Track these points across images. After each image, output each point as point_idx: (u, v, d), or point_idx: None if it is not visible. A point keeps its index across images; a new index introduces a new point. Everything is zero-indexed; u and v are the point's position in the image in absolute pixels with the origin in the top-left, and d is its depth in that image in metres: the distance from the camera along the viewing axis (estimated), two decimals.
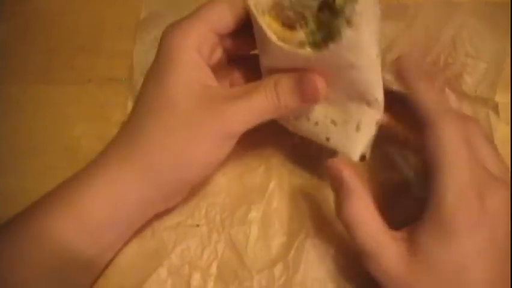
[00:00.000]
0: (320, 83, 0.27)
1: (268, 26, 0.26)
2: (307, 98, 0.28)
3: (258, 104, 0.28)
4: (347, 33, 0.24)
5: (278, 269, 0.32)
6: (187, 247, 0.33)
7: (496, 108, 0.33)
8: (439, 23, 0.35)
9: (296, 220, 0.33)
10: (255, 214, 0.33)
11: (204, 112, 0.28)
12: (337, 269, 0.32)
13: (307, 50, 0.26)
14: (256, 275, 0.32)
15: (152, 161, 0.28)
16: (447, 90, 0.33)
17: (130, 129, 0.29)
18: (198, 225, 0.34)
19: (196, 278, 0.32)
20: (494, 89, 0.33)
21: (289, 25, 0.26)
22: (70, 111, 0.38)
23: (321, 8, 0.25)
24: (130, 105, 0.37)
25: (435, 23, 0.35)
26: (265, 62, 0.29)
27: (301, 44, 0.26)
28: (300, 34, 0.26)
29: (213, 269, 0.32)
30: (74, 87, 0.38)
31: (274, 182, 0.34)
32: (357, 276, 0.31)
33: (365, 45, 0.25)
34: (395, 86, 0.29)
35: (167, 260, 0.33)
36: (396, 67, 0.28)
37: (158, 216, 0.32)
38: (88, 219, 0.27)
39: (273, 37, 0.26)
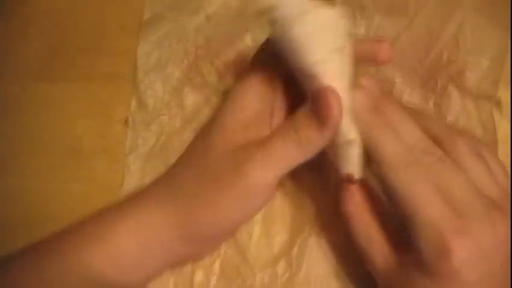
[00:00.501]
0: (330, 92, 0.24)
1: None
2: (324, 116, 0.24)
3: (277, 150, 0.25)
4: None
5: (281, 266, 0.32)
6: None
7: (499, 106, 0.33)
8: (441, 19, 0.35)
9: (299, 218, 0.33)
10: (257, 214, 0.33)
11: (229, 172, 0.26)
12: (340, 265, 0.32)
13: None
14: (259, 272, 0.32)
15: (182, 212, 0.27)
16: (450, 87, 0.33)
17: (169, 175, 0.29)
18: None
19: (199, 276, 0.32)
20: (496, 86, 0.33)
21: None
22: (72, 109, 0.38)
23: None
24: (133, 103, 0.37)
25: (436, 19, 0.35)
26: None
27: None
28: None
29: (216, 267, 0.32)
30: (75, 85, 0.38)
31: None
32: (360, 273, 0.31)
33: (298, 47, 0.24)
34: None
35: None
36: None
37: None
38: (118, 255, 0.26)
39: None
